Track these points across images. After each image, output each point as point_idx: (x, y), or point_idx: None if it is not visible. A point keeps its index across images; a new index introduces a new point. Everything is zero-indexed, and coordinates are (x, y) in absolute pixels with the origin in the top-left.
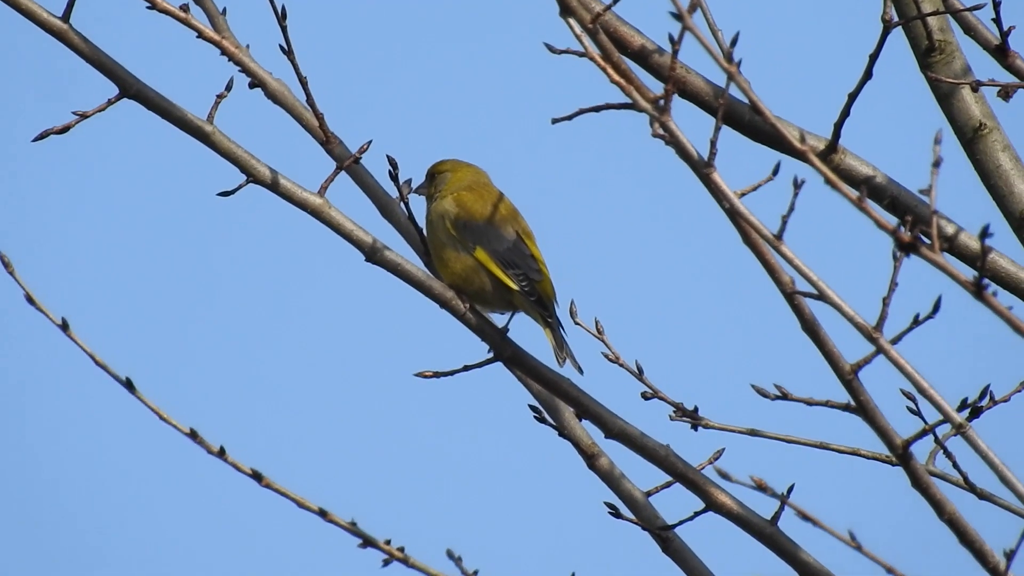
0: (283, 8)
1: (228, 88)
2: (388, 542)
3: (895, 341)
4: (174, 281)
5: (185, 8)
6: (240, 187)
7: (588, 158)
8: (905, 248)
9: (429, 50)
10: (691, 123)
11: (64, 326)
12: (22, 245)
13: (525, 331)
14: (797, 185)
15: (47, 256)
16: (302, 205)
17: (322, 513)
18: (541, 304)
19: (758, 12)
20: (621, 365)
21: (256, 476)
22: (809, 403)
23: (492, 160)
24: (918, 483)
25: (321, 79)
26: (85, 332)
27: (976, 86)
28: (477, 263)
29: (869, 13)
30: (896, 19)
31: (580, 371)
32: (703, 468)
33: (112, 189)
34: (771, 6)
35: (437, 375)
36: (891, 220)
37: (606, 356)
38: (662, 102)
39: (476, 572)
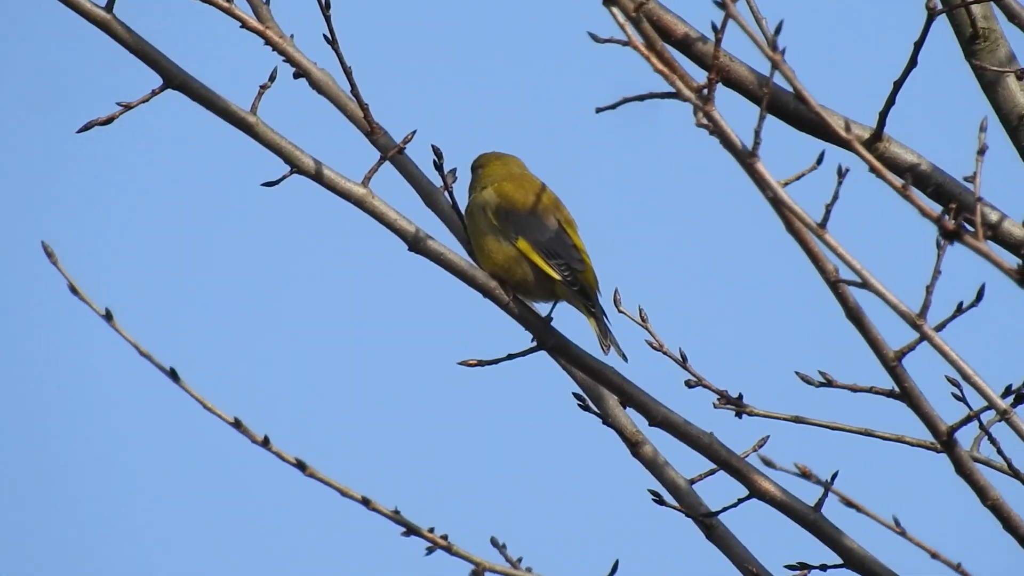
0: None
1: (272, 78)
2: (431, 530)
3: (939, 328)
4: (218, 272)
5: None
6: (284, 177)
7: (632, 147)
8: (949, 236)
9: (473, 39)
10: (735, 112)
11: (108, 316)
12: (66, 235)
13: (569, 320)
14: (841, 174)
15: (91, 246)
16: (346, 195)
17: (365, 502)
18: (584, 294)
19: (802, 0)
20: (665, 353)
21: (300, 465)
22: (853, 390)
23: (535, 149)
24: (962, 469)
25: (365, 68)
26: (129, 322)
27: (1021, 74)
28: (519, 253)
29: (913, 1)
30: (940, 6)
31: (624, 358)
32: (747, 455)
33: (156, 179)
34: None
35: (481, 364)
36: (935, 208)
37: (650, 344)
38: (706, 91)
39: (520, 559)
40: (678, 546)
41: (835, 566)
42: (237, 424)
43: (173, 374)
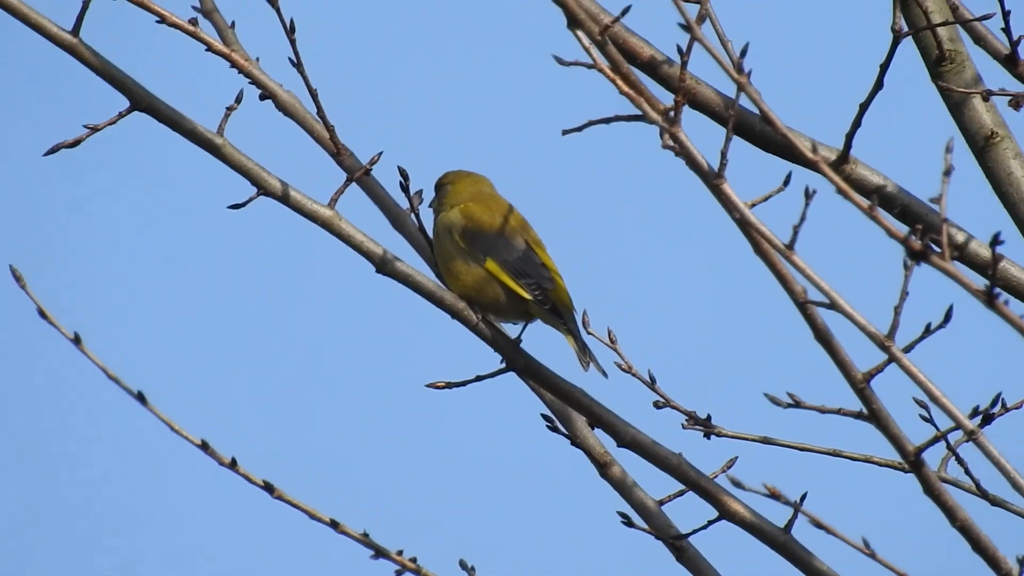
0: (291, 21)
1: (238, 100)
2: (400, 552)
3: (907, 350)
4: (185, 294)
5: (194, 22)
6: (251, 199)
7: (598, 169)
8: (916, 256)
9: (438, 61)
10: (701, 133)
11: (76, 340)
12: (34, 259)
13: (538, 340)
14: (808, 195)
15: (59, 270)
16: (313, 217)
17: (334, 524)
18: (556, 312)
19: (767, 22)
20: (633, 374)
21: (268, 487)
22: (822, 411)
23: (501, 170)
24: (930, 490)
25: (331, 91)
26: (97, 345)
27: (987, 95)
28: (488, 274)
29: (879, 23)
30: (906, 29)
31: (604, 375)
32: (716, 476)
33: (123, 202)
34: (780, 16)
35: (449, 385)
36: (902, 229)
37: (619, 365)
38: (672, 114)
39: None
40: (648, 568)
41: None
42: (204, 446)
43: (141, 397)
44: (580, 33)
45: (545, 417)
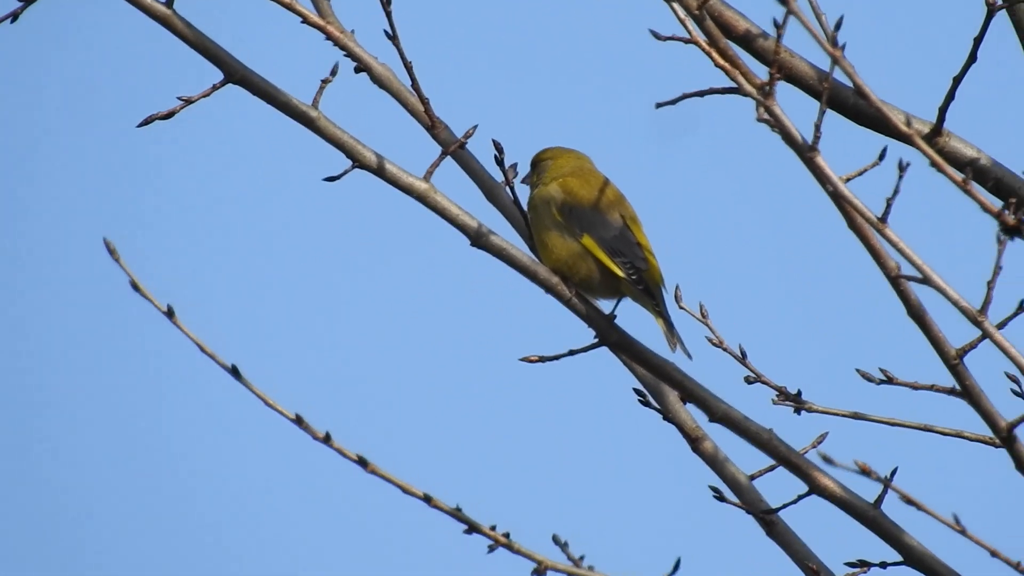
0: None
1: (333, 73)
2: (493, 528)
3: (1001, 325)
4: (278, 266)
5: None
6: (345, 172)
7: (691, 143)
8: (1010, 231)
9: (533, 34)
10: (795, 107)
11: (170, 313)
12: (126, 231)
13: (630, 316)
14: (902, 168)
15: (152, 242)
16: (408, 190)
17: (427, 499)
18: (648, 292)
19: None
20: (725, 349)
21: (361, 462)
22: (914, 387)
23: (595, 145)
24: (1022, 465)
25: (426, 63)
26: (190, 319)
27: None
28: (583, 249)
29: None
30: (1000, 2)
31: (689, 356)
32: (806, 452)
33: (216, 174)
34: None
35: (542, 359)
36: (996, 203)
37: (710, 340)
38: (767, 87)
39: (582, 557)
40: (738, 542)
41: (895, 563)
42: (299, 420)
43: (235, 371)
44: (676, 6)
45: (637, 392)
